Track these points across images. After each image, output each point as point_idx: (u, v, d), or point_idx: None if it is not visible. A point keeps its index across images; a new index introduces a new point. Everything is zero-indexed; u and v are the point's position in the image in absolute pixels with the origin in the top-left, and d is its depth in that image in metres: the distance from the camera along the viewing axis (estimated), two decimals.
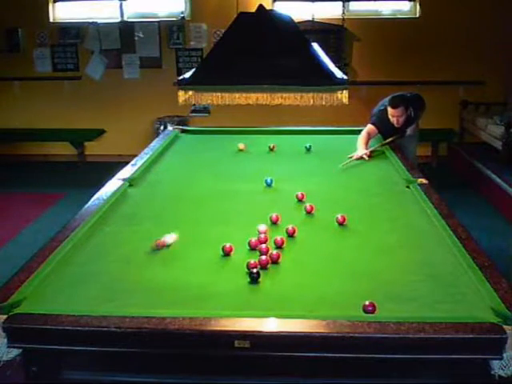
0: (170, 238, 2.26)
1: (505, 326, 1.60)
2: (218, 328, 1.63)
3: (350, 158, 3.67)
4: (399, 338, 1.59)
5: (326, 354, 1.63)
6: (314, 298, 1.84)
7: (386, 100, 4.18)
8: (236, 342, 1.59)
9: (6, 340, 1.63)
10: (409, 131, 4.26)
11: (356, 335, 1.59)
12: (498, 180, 5.34)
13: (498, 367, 1.58)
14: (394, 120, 4.04)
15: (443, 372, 1.69)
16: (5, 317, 1.66)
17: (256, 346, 1.60)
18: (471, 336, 1.58)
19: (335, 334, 1.60)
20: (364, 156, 3.71)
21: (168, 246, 2.24)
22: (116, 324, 1.64)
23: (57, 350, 1.69)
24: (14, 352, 1.65)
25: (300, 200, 2.81)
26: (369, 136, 3.99)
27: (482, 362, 1.61)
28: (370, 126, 4.07)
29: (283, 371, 1.71)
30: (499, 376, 1.58)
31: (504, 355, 1.57)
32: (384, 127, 4.07)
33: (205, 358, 1.70)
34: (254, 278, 1.92)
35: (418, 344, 1.59)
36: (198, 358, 1.71)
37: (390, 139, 4.01)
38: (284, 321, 1.65)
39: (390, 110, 4.03)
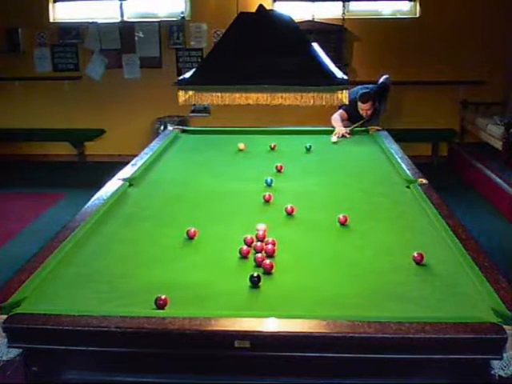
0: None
1: (505, 326, 1.60)
2: (218, 328, 1.63)
3: (336, 135, 4.32)
4: (400, 338, 1.58)
5: (326, 354, 1.62)
6: (314, 298, 1.84)
7: (355, 90, 4.77)
8: (236, 342, 1.59)
9: (6, 340, 1.63)
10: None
11: (356, 335, 1.59)
12: (498, 180, 5.34)
13: (498, 367, 1.58)
14: (363, 112, 4.76)
15: (443, 372, 1.69)
16: (5, 317, 1.66)
17: (256, 346, 1.60)
18: (471, 336, 1.58)
19: (335, 334, 1.60)
20: (346, 134, 4.37)
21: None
22: (116, 324, 1.63)
23: (57, 350, 1.69)
24: (14, 352, 1.65)
25: (289, 214, 2.62)
26: (341, 119, 4.71)
27: (482, 361, 1.61)
28: (341, 112, 4.79)
29: (283, 371, 1.71)
30: (499, 376, 1.58)
31: (504, 355, 1.57)
32: (353, 114, 4.76)
33: (205, 358, 1.70)
34: (255, 282, 1.92)
35: (419, 344, 1.59)
36: (197, 358, 1.71)
37: (358, 123, 4.67)
38: (284, 321, 1.65)
39: (359, 104, 4.72)
